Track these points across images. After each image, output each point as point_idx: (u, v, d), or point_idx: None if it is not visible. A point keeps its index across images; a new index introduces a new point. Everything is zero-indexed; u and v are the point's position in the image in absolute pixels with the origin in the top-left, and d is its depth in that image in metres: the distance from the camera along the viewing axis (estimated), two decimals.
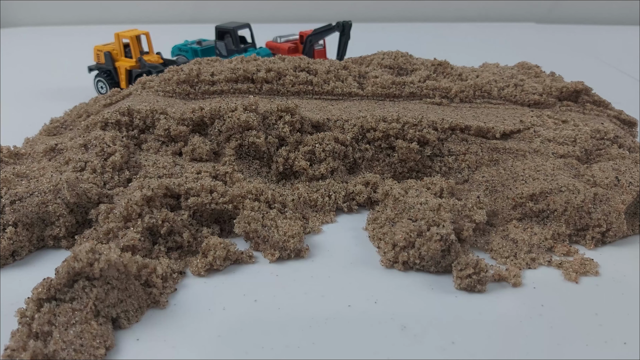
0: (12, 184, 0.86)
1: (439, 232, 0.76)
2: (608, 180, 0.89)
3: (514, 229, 0.85)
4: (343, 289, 0.75)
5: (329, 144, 1.01)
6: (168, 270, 0.76)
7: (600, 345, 0.64)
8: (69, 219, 0.84)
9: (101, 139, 0.97)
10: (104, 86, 1.72)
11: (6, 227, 0.81)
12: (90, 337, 0.62)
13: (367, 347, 0.64)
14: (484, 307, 0.71)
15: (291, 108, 1.04)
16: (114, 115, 1.04)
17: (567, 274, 0.76)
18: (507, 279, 0.75)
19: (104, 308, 0.65)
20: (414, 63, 1.43)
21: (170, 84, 1.18)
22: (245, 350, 0.64)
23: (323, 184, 0.99)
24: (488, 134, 1.06)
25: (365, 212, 0.97)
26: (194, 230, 0.85)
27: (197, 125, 1.04)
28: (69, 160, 0.95)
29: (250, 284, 0.76)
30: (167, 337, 0.66)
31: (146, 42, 1.74)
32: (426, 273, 0.78)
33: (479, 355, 0.63)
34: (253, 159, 1.03)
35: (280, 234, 0.82)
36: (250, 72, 1.20)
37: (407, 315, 0.69)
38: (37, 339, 0.61)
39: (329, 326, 0.67)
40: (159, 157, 1.01)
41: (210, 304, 0.72)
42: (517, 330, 0.66)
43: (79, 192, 0.84)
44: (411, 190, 0.91)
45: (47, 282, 0.65)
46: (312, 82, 1.22)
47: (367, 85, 1.26)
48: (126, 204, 0.81)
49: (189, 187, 0.86)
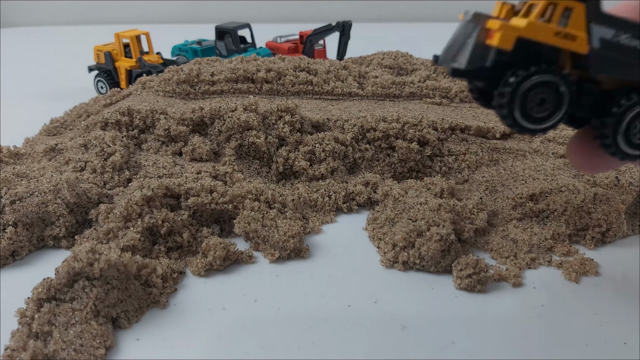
0: (12, 184, 0.86)
1: (439, 232, 0.76)
2: (608, 180, 0.89)
3: (514, 229, 0.85)
4: (343, 289, 0.75)
5: (329, 144, 1.01)
6: (168, 270, 0.76)
7: (600, 345, 0.64)
8: (69, 219, 0.84)
9: (101, 139, 0.97)
10: (104, 86, 1.72)
11: (6, 227, 0.81)
12: (90, 337, 0.62)
13: (367, 347, 0.64)
14: (484, 307, 0.71)
15: (291, 108, 1.04)
16: (114, 115, 1.04)
17: (567, 274, 0.76)
18: (507, 279, 0.75)
19: (104, 308, 0.65)
20: (414, 63, 1.43)
21: (170, 84, 1.18)
22: (245, 350, 0.64)
23: (323, 184, 0.99)
24: (488, 134, 1.06)
25: (365, 212, 0.97)
26: (194, 230, 0.85)
27: (197, 125, 1.04)
28: (69, 160, 0.95)
29: (250, 284, 0.76)
30: (167, 337, 0.66)
31: (146, 42, 1.74)
32: (426, 273, 0.78)
33: (479, 355, 0.63)
34: (253, 159, 1.03)
35: (280, 234, 0.82)
36: (250, 72, 1.20)
37: (407, 315, 0.69)
38: (37, 339, 0.61)
39: (329, 326, 0.67)
40: (159, 157, 1.01)
41: (210, 304, 0.72)
42: (517, 330, 0.66)
43: (79, 192, 0.84)
44: (411, 191, 0.91)
45: (47, 282, 0.65)
46: (312, 82, 1.22)
47: (367, 85, 1.26)
48: (126, 204, 0.81)
49: (189, 187, 0.86)
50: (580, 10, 0.55)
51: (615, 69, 0.57)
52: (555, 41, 0.55)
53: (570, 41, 0.55)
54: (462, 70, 0.59)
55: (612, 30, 0.55)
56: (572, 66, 0.60)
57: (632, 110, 0.59)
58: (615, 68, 0.57)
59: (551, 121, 0.60)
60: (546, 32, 0.55)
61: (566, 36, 0.55)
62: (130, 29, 1.77)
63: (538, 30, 0.55)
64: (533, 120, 0.59)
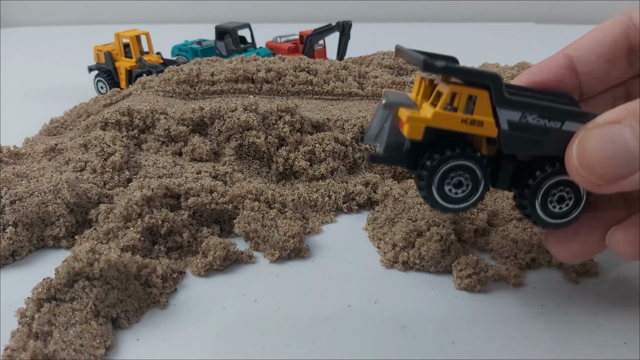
0: (12, 184, 0.86)
1: (439, 232, 0.76)
2: None
3: (514, 229, 0.85)
4: (343, 289, 0.75)
5: (329, 144, 1.01)
6: (168, 270, 0.76)
7: (600, 345, 0.64)
8: (69, 219, 0.84)
9: (101, 139, 0.97)
10: (104, 86, 1.72)
11: (6, 227, 0.81)
12: (90, 337, 0.62)
13: (367, 347, 0.64)
14: (484, 307, 0.71)
15: (291, 108, 1.04)
16: (114, 115, 1.04)
17: (567, 274, 0.76)
18: (507, 279, 0.75)
19: (104, 308, 0.65)
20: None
21: (170, 84, 1.18)
22: (245, 350, 0.63)
23: (323, 184, 0.99)
24: None
25: (365, 212, 0.97)
26: (193, 230, 0.85)
27: (197, 125, 1.04)
28: (69, 160, 0.95)
29: (250, 284, 0.76)
30: (167, 337, 0.66)
31: (146, 42, 1.74)
32: (426, 273, 0.78)
33: (479, 355, 0.63)
34: (253, 159, 1.03)
35: (280, 234, 0.82)
36: (250, 72, 1.20)
37: (407, 315, 0.69)
38: (37, 339, 0.61)
39: (329, 326, 0.67)
40: (159, 157, 1.01)
41: (210, 304, 0.72)
42: (517, 330, 0.66)
43: (79, 192, 0.84)
44: (411, 191, 0.91)
45: (47, 282, 0.65)
46: (312, 82, 1.22)
47: (367, 85, 1.26)
48: (126, 204, 0.81)
49: (189, 187, 0.86)
50: (484, 97, 0.56)
51: (526, 147, 0.58)
52: (463, 128, 0.57)
53: (478, 127, 0.56)
54: (380, 157, 0.61)
55: (519, 112, 0.56)
56: (487, 142, 0.62)
57: (547, 181, 0.61)
58: (526, 145, 0.58)
59: (470, 200, 0.61)
60: (453, 121, 0.56)
61: (473, 122, 0.56)
62: (130, 29, 1.77)
63: (444, 119, 0.56)
64: (453, 200, 0.61)
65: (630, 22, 0.65)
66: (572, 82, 0.68)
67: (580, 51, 0.67)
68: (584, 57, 0.66)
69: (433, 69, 0.53)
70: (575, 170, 0.55)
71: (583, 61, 0.66)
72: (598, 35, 0.66)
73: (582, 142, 0.55)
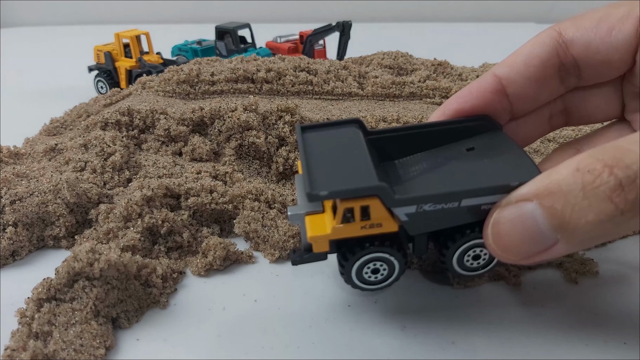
0: (12, 184, 0.86)
1: None
2: None
3: None
4: (343, 289, 0.75)
5: None
6: (168, 270, 0.76)
7: (600, 345, 0.64)
8: (69, 219, 0.84)
9: (101, 139, 0.97)
10: (104, 86, 1.72)
11: (6, 227, 0.81)
12: (90, 337, 0.62)
13: (367, 347, 0.64)
14: (484, 307, 0.71)
15: (291, 108, 1.04)
16: (114, 115, 1.04)
17: (567, 274, 0.76)
18: (506, 279, 0.75)
19: (104, 308, 0.65)
20: (414, 63, 1.43)
21: (170, 84, 1.18)
22: (245, 351, 0.64)
23: None
24: None
25: None
26: (194, 230, 0.85)
27: (197, 125, 1.04)
28: (69, 160, 0.95)
29: (250, 284, 0.76)
30: (167, 337, 0.66)
31: (146, 42, 1.75)
32: (426, 273, 0.78)
33: (479, 355, 0.63)
34: (253, 159, 1.03)
35: (280, 234, 0.82)
36: (250, 72, 1.20)
37: (407, 315, 0.69)
38: (37, 339, 0.61)
39: (329, 326, 0.67)
40: (159, 157, 1.01)
41: (210, 304, 0.72)
42: (517, 330, 0.66)
43: (79, 192, 0.84)
44: None
45: (47, 282, 0.65)
46: (312, 82, 1.22)
47: (367, 85, 1.26)
48: (126, 204, 0.81)
49: (189, 187, 0.86)
50: (377, 203, 0.57)
51: (432, 226, 0.61)
52: (364, 232, 0.60)
53: (378, 228, 0.59)
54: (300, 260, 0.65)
55: (414, 206, 0.58)
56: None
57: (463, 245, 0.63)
58: (432, 226, 0.61)
59: (388, 281, 0.66)
60: (352, 230, 0.59)
61: (372, 226, 0.59)
62: (130, 29, 1.77)
63: (344, 231, 0.59)
64: (372, 282, 0.66)
65: (561, 39, 0.64)
66: (501, 106, 0.68)
67: (509, 73, 0.66)
68: (513, 79, 0.66)
69: (318, 199, 0.55)
70: (493, 250, 0.57)
71: (512, 83, 0.66)
72: (528, 54, 0.65)
73: (495, 225, 0.56)
